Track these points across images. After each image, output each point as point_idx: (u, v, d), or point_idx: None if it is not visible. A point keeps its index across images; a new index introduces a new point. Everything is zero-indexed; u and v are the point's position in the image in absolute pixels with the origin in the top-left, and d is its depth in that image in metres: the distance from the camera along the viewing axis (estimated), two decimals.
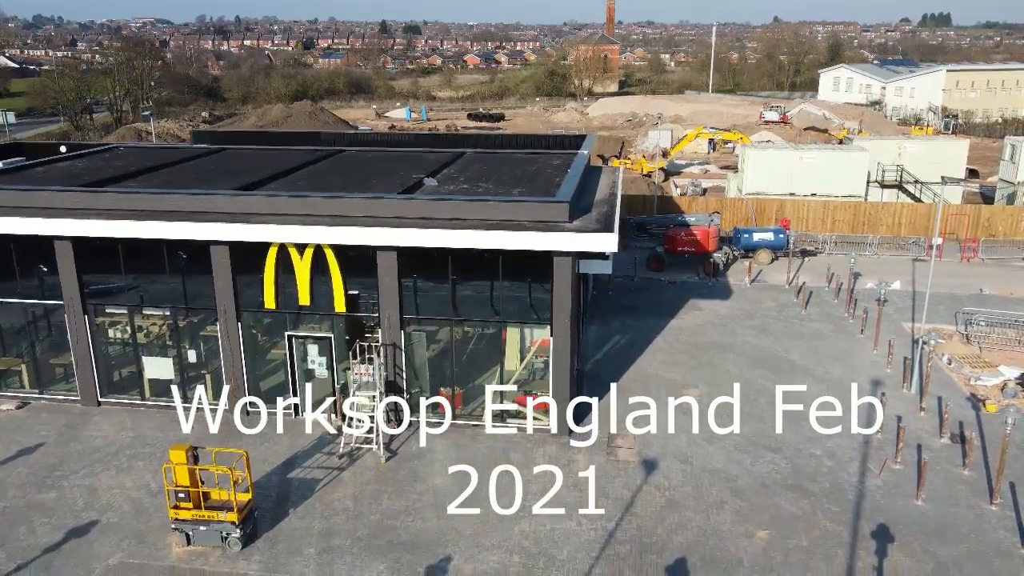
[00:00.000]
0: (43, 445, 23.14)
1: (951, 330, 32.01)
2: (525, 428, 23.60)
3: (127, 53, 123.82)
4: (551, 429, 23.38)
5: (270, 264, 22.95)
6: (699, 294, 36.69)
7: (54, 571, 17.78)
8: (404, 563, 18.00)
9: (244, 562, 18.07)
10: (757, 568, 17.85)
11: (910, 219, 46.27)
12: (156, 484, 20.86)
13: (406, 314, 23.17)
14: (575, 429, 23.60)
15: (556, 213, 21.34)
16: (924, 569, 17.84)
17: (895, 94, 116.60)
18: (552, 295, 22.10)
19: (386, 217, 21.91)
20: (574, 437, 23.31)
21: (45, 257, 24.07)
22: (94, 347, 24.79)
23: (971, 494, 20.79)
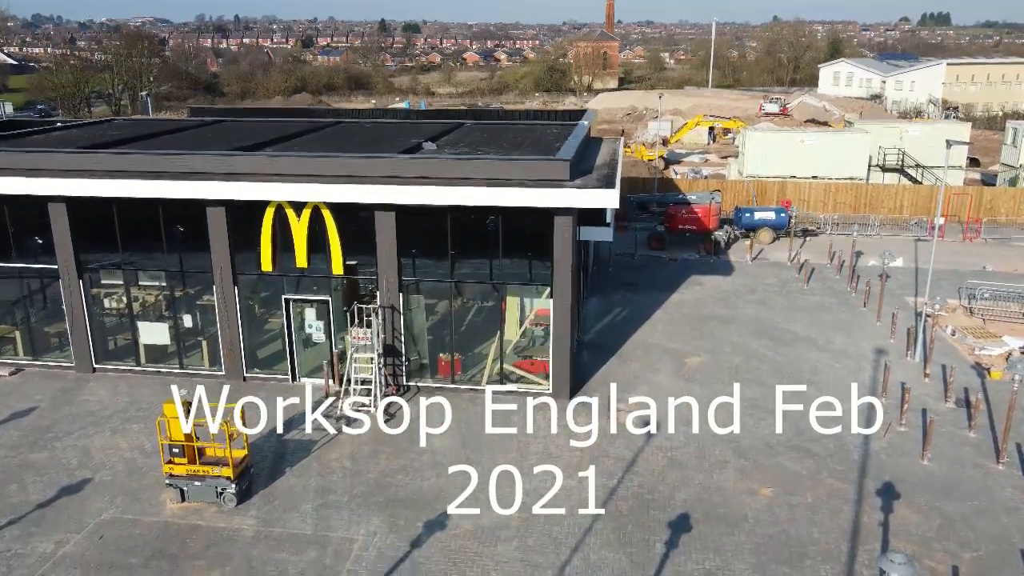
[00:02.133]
0: (36, 409, 22.82)
1: (955, 303, 31.73)
2: (524, 392, 23.30)
3: (126, 47, 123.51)
4: (550, 391, 23.08)
5: (267, 225, 22.65)
6: (700, 271, 36.41)
7: (46, 526, 17.46)
8: (402, 518, 17.70)
9: (239, 517, 17.77)
10: (762, 523, 17.55)
11: (912, 201, 46.04)
12: (151, 445, 20.55)
13: (405, 277, 22.86)
14: (576, 400, 23.31)
15: (557, 171, 21.04)
16: (931, 524, 17.55)
17: (895, 88, 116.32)
18: (553, 255, 21.80)
19: (384, 176, 21.58)
20: (573, 400, 23.03)
21: (40, 223, 23.75)
22: (89, 313, 24.47)
23: (977, 454, 20.50)
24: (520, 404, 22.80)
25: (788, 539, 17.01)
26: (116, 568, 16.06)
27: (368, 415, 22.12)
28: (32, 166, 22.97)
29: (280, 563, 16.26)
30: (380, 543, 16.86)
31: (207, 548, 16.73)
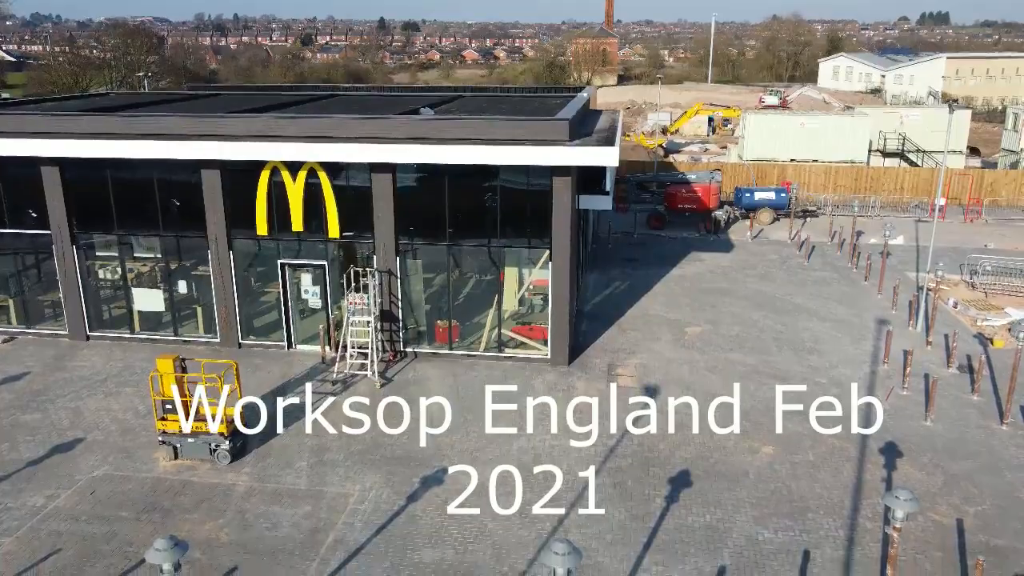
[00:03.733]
0: (28, 374, 22.54)
1: (956, 279, 31.49)
2: (522, 357, 23.04)
3: (124, 43, 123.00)
4: (548, 357, 22.83)
5: (262, 187, 22.39)
6: (700, 248, 36.16)
7: (36, 482, 17.19)
8: (399, 475, 17.44)
9: (233, 474, 17.50)
10: (763, 479, 17.30)
11: (912, 183, 45.81)
12: (145, 407, 20.26)
13: (401, 240, 22.60)
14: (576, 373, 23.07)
15: (557, 131, 20.77)
16: (935, 481, 17.30)
17: (895, 82, 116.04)
18: (552, 216, 21.54)
19: (382, 137, 21.30)
20: (572, 368, 22.79)
21: (33, 190, 23.46)
22: (82, 279, 24.21)
23: (981, 416, 20.26)
24: (518, 368, 22.55)
25: (790, 494, 16.77)
26: (107, 521, 15.80)
27: (365, 378, 21.85)
28: (24, 129, 22.70)
29: (274, 516, 16.00)
30: (376, 497, 16.61)
31: (200, 503, 16.47)
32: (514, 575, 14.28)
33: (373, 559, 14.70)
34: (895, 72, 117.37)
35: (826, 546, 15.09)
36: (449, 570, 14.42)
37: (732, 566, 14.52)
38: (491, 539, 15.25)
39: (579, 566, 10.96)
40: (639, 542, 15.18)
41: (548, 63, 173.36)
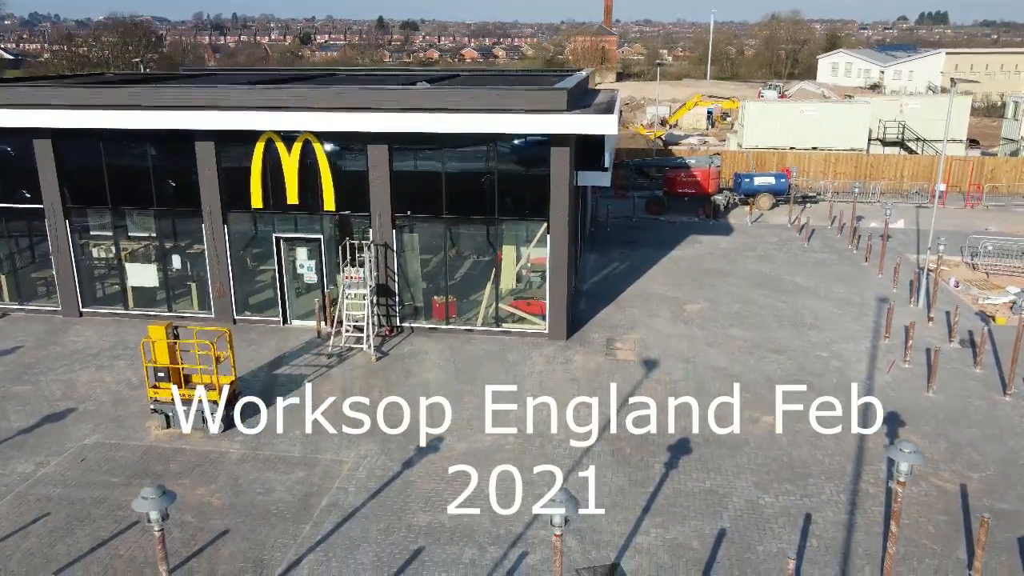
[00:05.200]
0: (21, 348, 22.29)
1: (957, 260, 31.27)
2: (520, 331, 22.80)
3: (122, 40, 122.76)
4: (546, 331, 22.60)
5: (257, 159, 22.14)
6: (700, 231, 35.93)
7: (26, 449, 16.94)
8: (395, 442, 17.20)
9: (226, 442, 17.26)
10: (764, 447, 17.06)
11: (912, 171, 45.60)
12: (137, 379, 20.01)
13: (398, 214, 22.36)
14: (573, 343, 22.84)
15: (556, 100, 20.53)
16: (937, 448, 17.07)
17: (894, 77, 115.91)
18: (550, 187, 21.30)
19: (378, 107, 21.05)
20: (571, 342, 22.56)
21: (26, 165, 23.23)
22: (75, 254, 23.95)
23: (983, 388, 20.04)
24: (516, 343, 22.32)
25: (791, 460, 16.53)
26: (97, 486, 15.55)
27: (361, 352, 21.60)
28: (16, 100, 22.45)
29: (267, 482, 15.76)
30: (371, 464, 16.36)
31: (191, 468, 16.22)
32: (510, 537, 14.03)
33: (367, 521, 14.45)
34: (894, 68, 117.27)
35: (827, 510, 14.85)
36: (444, 531, 14.18)
37: (732, 528, 14.28)
38: (487, 504, 15.00)
39: (577, 516, 10.72)
40: (638, 506, 14.94)
41: (547, 61, 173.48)
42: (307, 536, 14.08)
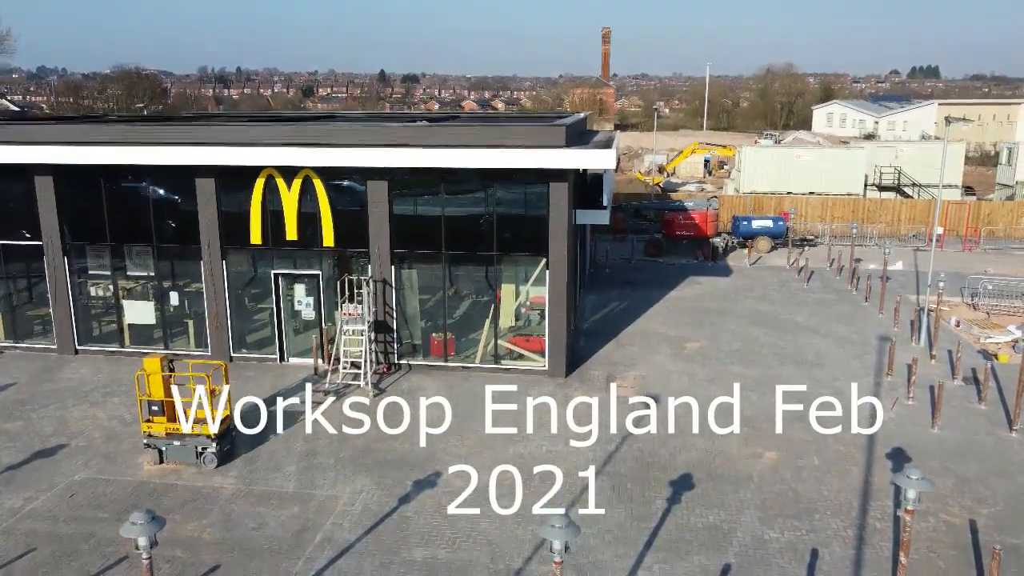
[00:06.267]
0: (13, 385, 22.02)
1: (958, 301, 31.19)
2: (519, 369, 22.57)
3: (127, 91, 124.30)
4: (546, 368, 22.37)
5: (257, 195, 22.18)
6: (699, 272, 35.92)
7: (16, 485, 16.60)
8: (391, 478, 16.86)
9: (219, 477, 16.92)
10: (767, 482, 16.74)
11: (909, 215, 45.82)
12: (131, 415, 19.72)
13: (397, 249, 22.32)
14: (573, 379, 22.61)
15: (554, 136, 20.69)
16: (945, 484, 16.73)
17: (888, 128, 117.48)
18: (548, 222, 21.30)
19: (377, 142, 21.18)
20: (570, 380, 22.33)
21: (26, 203, 23.28)
22: (73, 291, 23.83)
23: (989, 424, 19.77)
24: (515, 380, 22.05)
25: (796, 496, 16.20)
26: (85, 521, 15.18)
27: (358, 388, 21.34)
28: (18, 137, 22.59)
29: (260, 517, 15.39)
30: (367, 499, 16.01)
31: (183, 504, 15.87)
32: (509, 574, 13.65)
33: (362, 557, 14.07)
34: (888, 118, 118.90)
35: (835, 544, 14.49)
36: (441, 567, 13.79)
37: (737, 564, 13.91)
38: (486, 538, 14.64)
39: (575, 543, 10.43)
40: (640, 541, 14.57)
41: (546, 112, 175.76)
42: (300, 572, 13.68)
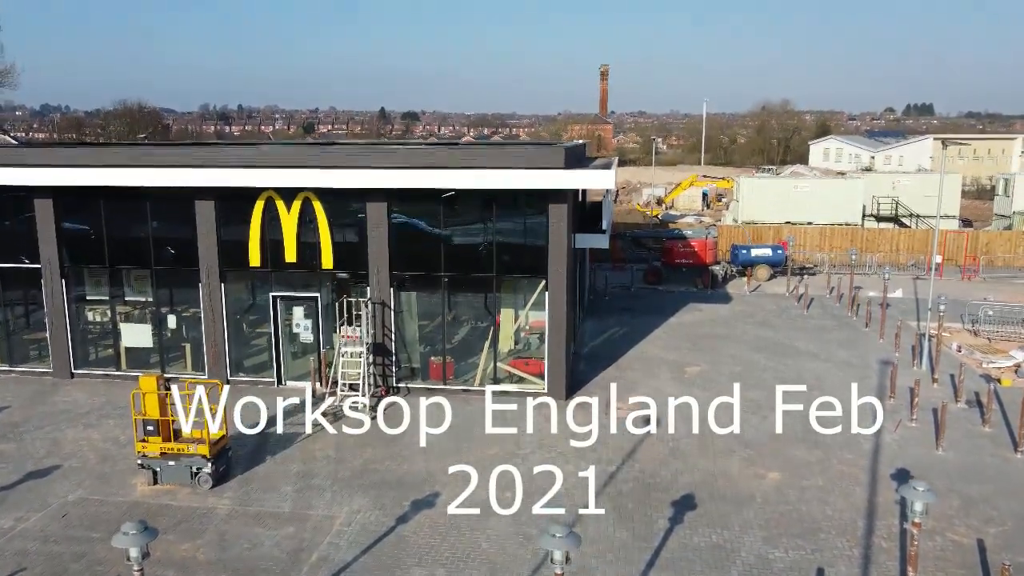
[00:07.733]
0: (7, 408, 21.81)
1: (959, 327, 31.09)
2: (518, 392, 22.37)
3: (129, 127, 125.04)
4: (545, 391, 22.18)
5: (256, 217, 22.19)
6: (698, 300, 35.86)
7: (7, 505, 16.32)
8: (388, 498, 16.60)
9: (215, 498, 16.65)
10: (771, 502, 16.49)
11: (908, 244, 45.91)
12: (126, 437, 19.49)
13: (396, 271, 22.27)
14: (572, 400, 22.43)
15: (553, 156, 20.75)
16: (951, 504, 16.49)
17: (884, 163, 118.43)
18: (548, 243, 21.29)
19: (377, 166, 21.24)
20: (571, 401, 22.13)
21: (23, 226, 23.30)
22: (70, 314, 23.72)
23: (994, 446, 19.56)
24: (515, 402, 21.85)
25: (800, 516, 15.94)
26: (77, 541, 14.91)
27: (355, 411, 21.12)
28: (19, 160, 22.67)
29: (255, 537, 15.12)
30: (364, 519, 15.75)
31: (177, 524, 15.60)
32: None
33: None
34: (884, 153, 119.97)
35: (840, 564, 14.22)
36: None
37: None
38: (484, 557, 14.36)
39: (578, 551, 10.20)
40: (642, 560, 14.30)
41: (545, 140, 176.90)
42: None
